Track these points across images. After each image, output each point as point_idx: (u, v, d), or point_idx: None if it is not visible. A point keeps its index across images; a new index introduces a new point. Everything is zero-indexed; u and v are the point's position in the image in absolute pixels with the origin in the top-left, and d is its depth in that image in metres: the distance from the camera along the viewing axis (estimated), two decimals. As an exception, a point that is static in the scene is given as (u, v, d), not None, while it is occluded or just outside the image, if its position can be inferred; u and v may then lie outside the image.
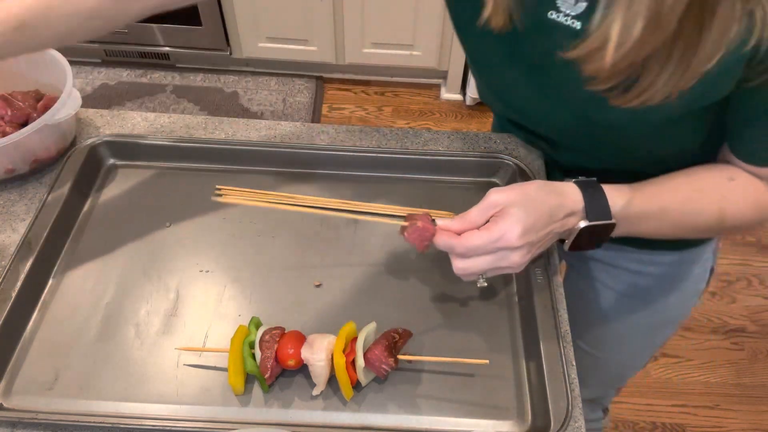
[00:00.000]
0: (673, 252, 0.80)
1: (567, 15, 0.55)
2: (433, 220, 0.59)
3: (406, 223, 0.60)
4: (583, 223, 0.59)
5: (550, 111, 0.65)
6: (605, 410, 1.19)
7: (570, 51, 0.51)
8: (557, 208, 0.57)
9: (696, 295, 0.87)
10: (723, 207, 0.61)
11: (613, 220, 0.59)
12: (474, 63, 0.70)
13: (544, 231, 0.57)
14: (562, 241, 0.63)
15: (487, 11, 0.56)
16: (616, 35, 0.46)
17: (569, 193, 0.59)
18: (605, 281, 0.86)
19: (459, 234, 0.57)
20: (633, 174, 0.63)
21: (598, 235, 0.60)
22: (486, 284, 0.60)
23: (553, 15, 0.56)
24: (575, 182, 0.60)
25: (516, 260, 0.56)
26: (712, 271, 0.86)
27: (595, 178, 0.60)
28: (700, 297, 0.89)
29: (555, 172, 0.80)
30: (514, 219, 0.54)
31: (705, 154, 0.66)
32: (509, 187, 0.58)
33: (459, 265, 0.57)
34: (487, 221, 0.57)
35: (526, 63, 0.62)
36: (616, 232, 0.61)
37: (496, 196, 0.57)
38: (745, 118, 0.58)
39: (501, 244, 0.55)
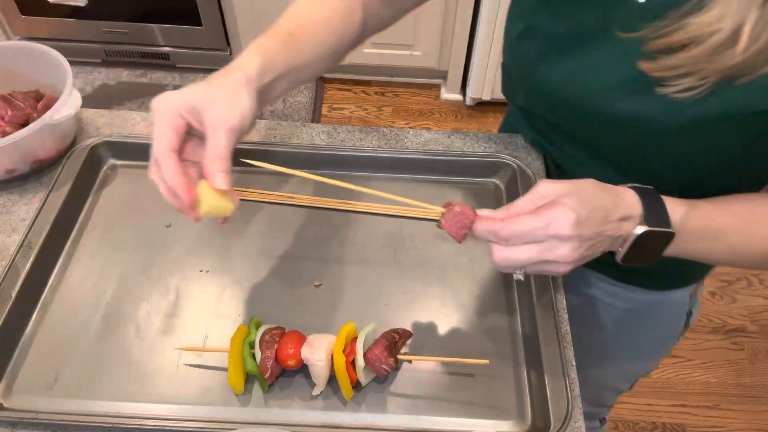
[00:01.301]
0: (643, 290, 0.77)
1: None
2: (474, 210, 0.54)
3: (443, 209, 0.55)
4: (640, 229, 0.53)
5: (579, 91, 0.60)
6: (602, 420, 1.18)
7: (635, 32, 0.48)
8: (613, 207, 0.52)
9: (673, 336, 0.85)
10: None
11: (672, 230, 0.53)
12: (523, 30, 0.64)
13: (598, 229, 0.51)
14: (612, 254, 0.57)
15: None
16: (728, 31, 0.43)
17: (626, 195, 0.54)
18: (579, 309, 0.81)
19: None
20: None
21: (654, 246, 0.55)
22: (522, 278, 0.54)
23: None
24: (631, 187, 0.55)
25: (564, 253, 0.50)
26: (690, 314, 0.83)
27: (651, 187, 0.55)
28: (679, 338, 0.86)
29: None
30: (567, 207, 0.49)
31: (752, 180, 0.61)
32: (561, 180, 0.53)
33: (500, 254, 0.51)
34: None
35: (572, 31, 0.58)
36: (670, 250, 0.56)
37: (546, 186, 0.52)
38: None
39: (551, 231, 0.49)
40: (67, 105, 0.74)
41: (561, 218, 0.49)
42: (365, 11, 0.68)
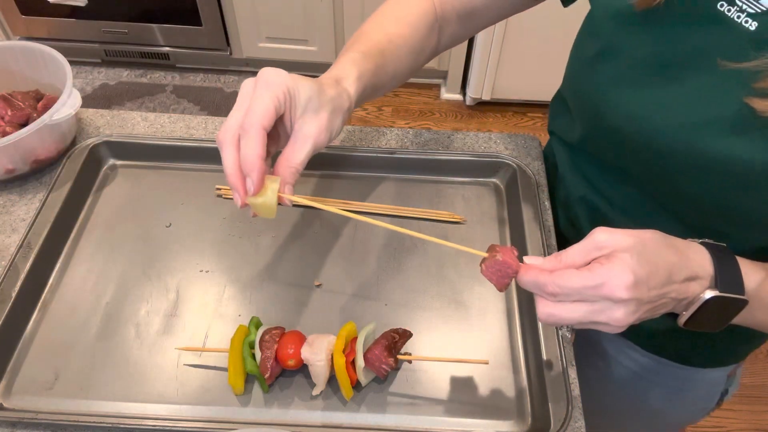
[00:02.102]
0: (678, 366, 0.71)
1: (741, 10, 0.45)
2: (519, 255, 0.49)
3: (485, 254, 0.50)
4: (710, 293, 0.46)
5: (657, 128, 0.52)
6: None
7: (744, 63, 0.42)
8: (678, 267, 0.45)
9: (701, 413, 0.79)
10: None
11: (745, 297, 0.47)
12: (599, 50, 0.57)
13: (659, 291, 0.45)
14: (674, 316, 0.50)
15: None
16: None
17: (694, 253, 0.47)
18: (601, 369, 0.77)
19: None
20: None
21: (722, 313, 0.49)
22: (570, 335, 0.48)
23: (723, 6, 0.46)
24: (702, 243, 0.49)
25: (618, 316, 0.44)
26: (725, 393, 0.77)
27: (724, 244, 0.49)
28: (708, 413, 0.80)
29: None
30: (624, 265, 0.43)
31: None
32: (620, 230, 0.45)
33: (546, 310, 0.46)
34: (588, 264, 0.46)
35: (663, 56, 0.51)
36: (738, 318, 0.49)
37: (603, 236, 0.45)
38: None
39: (605, 291, 0.43)
40: (67, 105, 0.74)
41: (616, 278, 0.43)
42: (441, 31, 0.68)
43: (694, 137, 0.50)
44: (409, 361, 0.63)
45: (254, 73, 0.50)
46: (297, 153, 0.51)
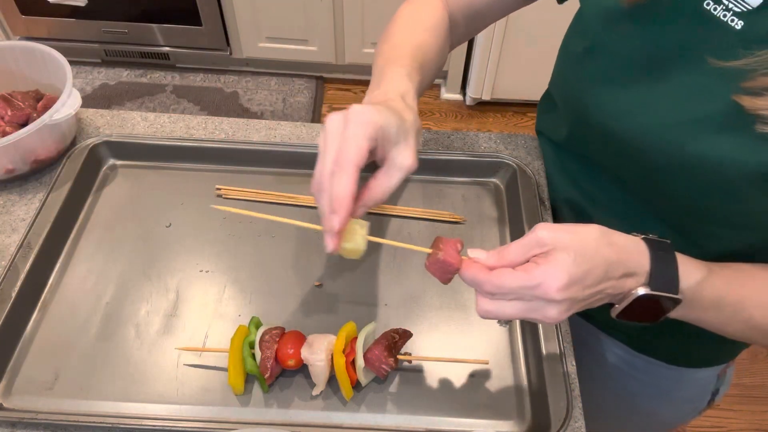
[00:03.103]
0: (668, 366, 0.72)
1: (727, 9, 0.45)
2: (463, 249, 0.51)
3: (430, 251, 0.51)
4: (642, 290, 0.47)
5: (641, 126, 0.53)
6: None
7: (732, 61, 0.42)
8: (616, 264, 0.46)
9: (692, 413, 0.79)
10: None
11: (679, 296, 0.48)
12: (587, 48, 0.57)
13: (594, 289, 0.46)
14: (609, 306, 0.52)
15: None
16: None
17: (633, 250, 0.48)
18: (595, 372, 0.77)
19: (491, 269, 0.47)
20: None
21: (656, 309, 0.49)
22: (506, 327, 0.51)
23: (710, 5, 0.46)
24: (645, 239, 0.49)
25: (552, 315, 0.45)
26: (716, 393, 0.77)
27: (669, 240, 0.49)
28: (700, 413, 0.80)
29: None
30: (560, 266, 0.44)
31: None
32: (562, 226, 0.46)
33: (484, 306, 0.47)
34: (528, 261, 0.46)
35: (648, 54, 0.51)
36: (676, 313, 0.50)
37: (544, 233, 0.45)
38: None
39: (539, 292, 0.44)
40: (67, 105, 0.74)
41: (551, 280, 0.44)
42: (452, 35, 0.69)
43: (679, 136, 0.50)
44: (409, 361, 0.63)
45: (254, 73, 0.50)
46: (388, 181, 0.51)
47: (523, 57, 2.08)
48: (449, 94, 2.37)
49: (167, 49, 2.31)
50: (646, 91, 0.52)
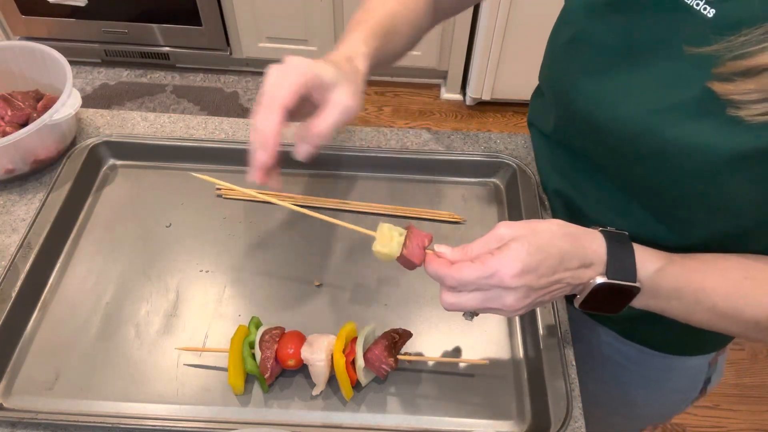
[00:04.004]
0: (660, 354, 0.73)
1: None
2: (431, 245, 0.54)
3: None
4: (600, 280, 0.50)
5: (620, 114, 0.54)
6: None
7: (705, 47, 0.44)
8: (571, 255, 0.49)
9: (685, 402, 0.81)
10: None
11: (637, 284, 0.50)
12: (570, 38, 0.59)
13: (550, 278, 0.49)
14: (573, 297, 0.54)
15: None
16: None
17: (591, 241, 0.51)
18: (588, 363, 0.75)
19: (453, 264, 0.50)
20: (671, 246, 0.55)
21: (616, 298, 0.52)
22: (471, 320, 0.54)
23: None
24: (602, 231, 0.52)
25: (509, 303, 0.49)
26: (708, 381, 0.78)
27: (626, 232, 0.52)
28: (691, 404, 0.81)
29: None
30: (512, 255, 0.47)
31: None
32: (521, 222, 0.50)
33: (447, 300, 0.51)
34: None
35: (628, 44, 0.53)
36: (639, 303, 0.53)
37: (502, 230, 0.50)
38: None
39: (494, 281, 0.48)
40: (67, 105, 0.74)
41: (505, 267, 0.47)
42: (437, 4, 0.69)
43: (658, 123, 0.51)
44: (409, 361, 0.63)
45: (254, 73, 0.51)
46: (324, 119, 0.53)
47: (523, 57, 2.08)
48: (449, 94, 2.37)
49: (167, 49, 2.31)
50: (626, 80, 0.53)
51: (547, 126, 0.71)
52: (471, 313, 0.54)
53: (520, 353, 0.64)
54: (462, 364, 0.63)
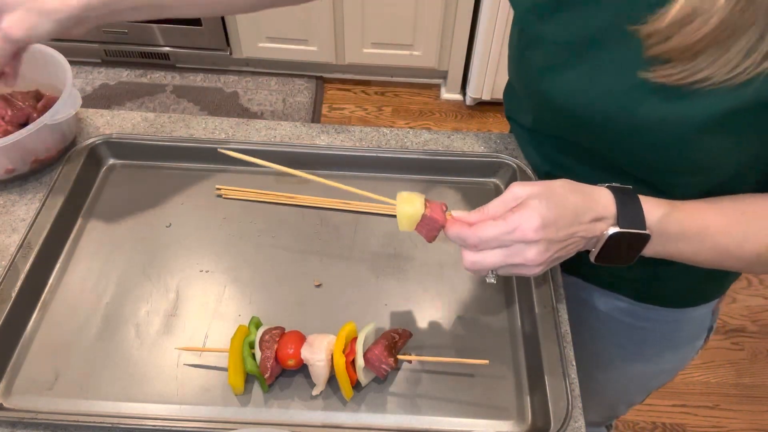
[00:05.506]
0: (668, 309, 0.76)
1: None
2: (447, 210, 0.56)
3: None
4: (612, 230, 0.53)
5: (592, 100, 0.57)
6: (609, 426, 1.17)
7: (646, 24, 0.46)
8: (584, 209, 0.52)
9: (692, 351, 0.84)
10: None
11: (647, 231, 0.53)
12: (527, 41, 0.62)
13: (567, 231, 0.51)
14: (587, 253, 0.57)
15: None
16: (703, 7, 0.42)
17: (599, 196, 0.54)
18: (597, 328, 0.81)
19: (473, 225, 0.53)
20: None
21: (629, 247, 0.54)
22: (494, 281, 0.55)
23: None
24: (608, 186, 0.55)
25: (531, 256, 0.51)
26: (711, 329, 0.82)
27: (629, 186, 0.55)
28: (697, 352, 0.85)
29: None
30: (532, 210, 0.50)
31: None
32: (534, 182, 0.53)
33: (469, 258, 0.53)
34: None
35: (583, 36, 0.55)
36: (650, 250, 0.55)
37: (517, 189, 0.52)
38: None
39: (516, 236, 0.50)
40: (67, 105, 0.74)
41: (526, 222, 0.49)
42: None
43: (627, 103, 0.54)
44: (409, 361, 0.63)
45: (254, 73, 0.51)
46: None
47: (523, 57, 2.08)
48: (449, 94, 2.37)
49: (167, 49, 2.31)
50: (587, 69, 0.56)
51: (526, 120, 0.74)
52: (494, 273, 0.54)
53: (520, 353, 0.64)
54: (462, 364, 0.63)
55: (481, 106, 2.34)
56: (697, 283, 0.74)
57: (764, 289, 1.85)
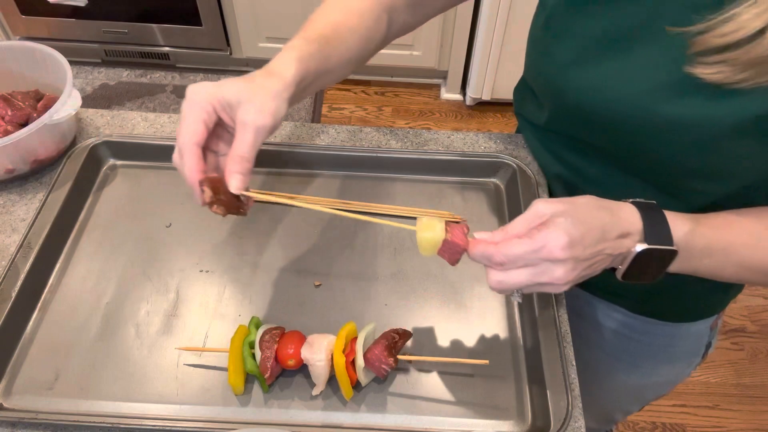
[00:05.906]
0: (665, 323, 0.76)
1: None
2: (469, 231, 0.54)
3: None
4: (640, 247, 0.51)
5: (616, 97, 0.56)
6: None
7: (687, 27, 0.45)
8: (610, 226, 0.51)
9: (689, 367, 0.83)
10: None
11: (674, 247, 0.52)
12: (554, 34, 0.61)
13: (594, 248, 0.50)
14: (613, 270, 0.55)
15: None
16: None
17: (625, 213, 0.52)
18: (593, 338, 0.81)
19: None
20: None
21: (656, 264, 0.53)
22: (520, 300, 0.53)
23: None
24: (632, 202, 0.54)
25: (559, 275, 0.49)
26: (709, 346, 0.81)
27: (654, 201, 0.54)
28: (694, 368, 0.85)
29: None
30: (560, 228, 0.48)
31: None
32: (557, 199, 0.52)
33: (495, 278, 0.51)
34: None
35: (614, 32, 0.55)
36: (675, 266, 0.54)
37: (541, 206, 0.51)
38: None
39: (544, 254, 0.48)
40: (67, 105, 0.74)
41: (553, 241, 0.48)
42: (390, 17, 0.68)
43: (652, 103, 0.53)
44: (409, 361, 0.63)
45: (255, 73, 0.51)
46: (239, 143, 0.53)
47: (522, 57, 2.08)
48: (449, 94, 2.37)
49: (167, 49, 2.31)
50: (616, 66, 0.55)
51: (539, 118, 0.72)
52: (519, 293, 0.53)
53: (520, 353, 0.64)
54: (462, 364, 0.63)
55: (481, 106, 2.34)
56: (695, 299, 0.73)
57: (764, 289, 1.85)
